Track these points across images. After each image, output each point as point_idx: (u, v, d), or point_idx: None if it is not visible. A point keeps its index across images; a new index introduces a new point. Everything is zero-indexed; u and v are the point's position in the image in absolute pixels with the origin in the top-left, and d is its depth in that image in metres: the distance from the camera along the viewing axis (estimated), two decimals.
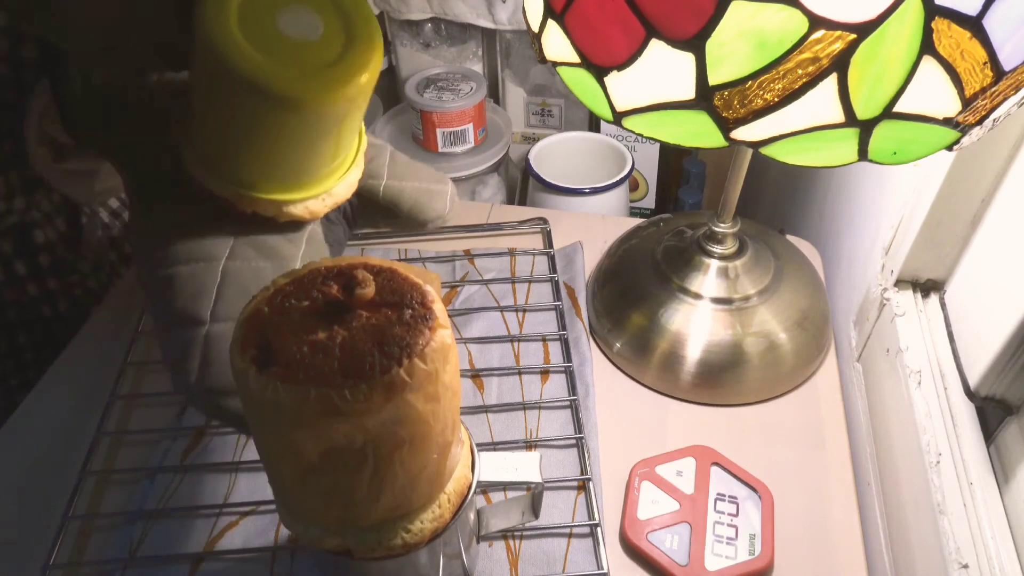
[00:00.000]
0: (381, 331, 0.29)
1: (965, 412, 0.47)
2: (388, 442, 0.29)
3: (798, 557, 0.46)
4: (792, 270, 0.58)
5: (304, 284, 0.30)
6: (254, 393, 0.28)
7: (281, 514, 0.35)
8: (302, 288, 0.30)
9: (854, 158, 0.37)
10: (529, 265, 0.65)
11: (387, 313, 0.29)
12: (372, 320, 0.29)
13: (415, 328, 0.29)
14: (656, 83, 0.36)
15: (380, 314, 0.29)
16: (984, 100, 0.34)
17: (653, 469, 0.49)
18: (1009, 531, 0.41)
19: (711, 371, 0.54)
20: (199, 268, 0.37)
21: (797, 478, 0.50)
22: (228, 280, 0.37)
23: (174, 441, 0.51)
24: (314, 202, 0.39)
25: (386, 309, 0.29)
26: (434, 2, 1.01)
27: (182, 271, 0.37)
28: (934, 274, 0.54)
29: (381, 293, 0.30)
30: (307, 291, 0.30)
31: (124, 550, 0.45)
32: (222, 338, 0.35)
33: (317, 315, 0.29)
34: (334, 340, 0.28)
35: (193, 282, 0.37)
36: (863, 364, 0.59)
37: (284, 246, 0.39)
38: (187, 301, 0.36)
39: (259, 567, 0.45)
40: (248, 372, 0.28)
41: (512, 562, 0.45)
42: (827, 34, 0.32)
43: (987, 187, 0.48)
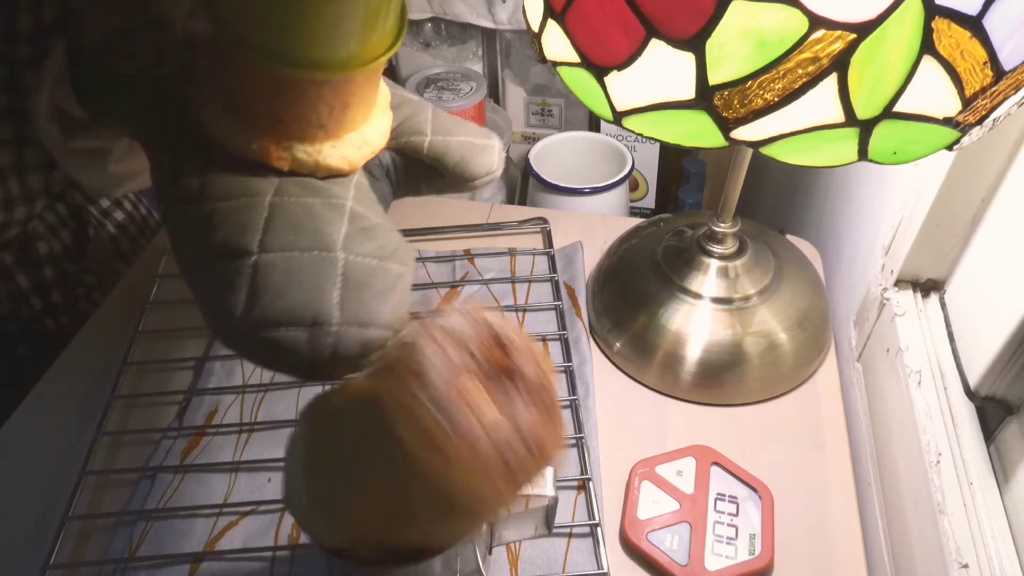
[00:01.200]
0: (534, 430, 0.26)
1: (965, 412, 0.47)
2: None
3: (798, 557, 0.46)
4: (792, 270, 0.58)
5: (473, 336, 0.27)
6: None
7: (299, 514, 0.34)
8: (470, 338, 0.27)
9: (854, 158, 0.37)
10: (529, 265, 0.65)
11: (533, 410, 0.27)
12: (524, 409, 0.27)
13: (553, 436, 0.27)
14: (656, 83, 0.36)
15: (530, 406, 0.27)
16: (984, 100, 0.34)
17: (653, 469, 0.49)
18: (1009, 531, 0.41)
19: (711, 371, 0.54)
20: (242, 203, 0.33)
21: (797, 478, 0.50)
22: (276, 213, 0.33)
23: (174, 441, 0.51)
24: (349, 149, 0.36)
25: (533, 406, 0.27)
26: (434, 2, 1.01)
27: (222, 206, 0.33)
28: (934, 274, 0.54)
29: (523, 375, 0.27)
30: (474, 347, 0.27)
31: (124, 550, 0.45)
32: (273, 267, 0.31)
33: (483, 381, 0.26)
34: (491, 420, 0.26)
35: (236, 215, 0.32)
36: (863, 364, 0.59)
37: (332, 187, 0.35)
38: (229, 234, 0.32)
39: (259, 567, 0.45)
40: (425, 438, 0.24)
41: (512, 562, 0.45)
42: (827, 34, 0.32)
43: (987, 187, 0.48)
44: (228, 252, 0.32)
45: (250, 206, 0.33)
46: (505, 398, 0.26)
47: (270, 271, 0.31)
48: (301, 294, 0.30)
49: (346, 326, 0.30)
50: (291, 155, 0.34)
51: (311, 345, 0.29)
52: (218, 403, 0.54)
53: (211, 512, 0.47)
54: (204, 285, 0.32)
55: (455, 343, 0.26)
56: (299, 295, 0.30)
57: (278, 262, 0.31)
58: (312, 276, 0.30)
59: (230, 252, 0.32)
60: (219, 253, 0.32)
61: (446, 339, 0.26)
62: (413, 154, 0.40)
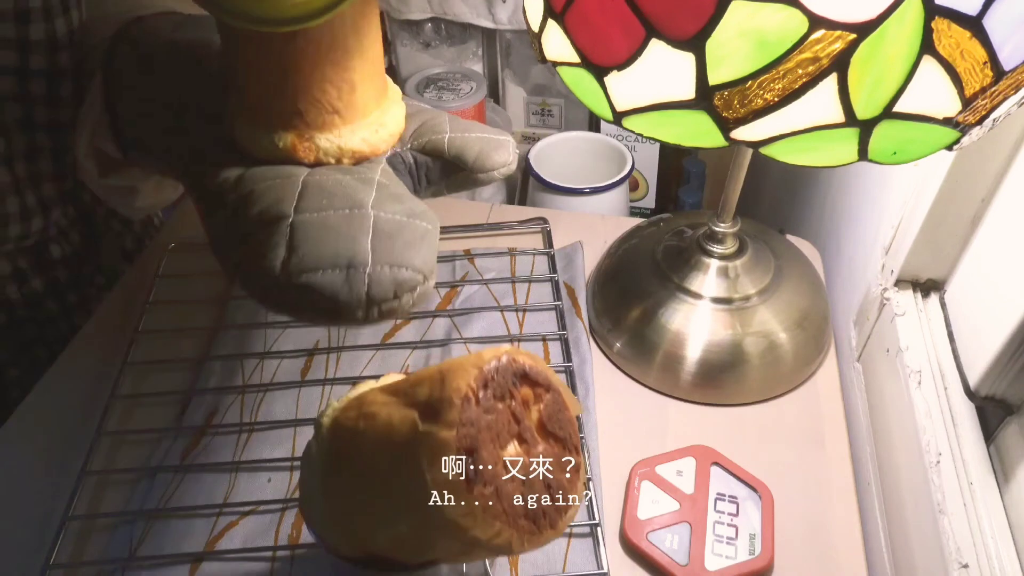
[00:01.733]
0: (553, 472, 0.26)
1: (965, 412, 0.47)
2: None
3: (798, 557, 0.46)
4: (792, 270, 0.58)
5: (504, 375, 0.27)
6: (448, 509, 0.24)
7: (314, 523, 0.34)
8: (503, 380, 0.27)
9: (854, 158, 0.37)
10: (529, 265, 0.65)
11: (554, 449, 0.27)
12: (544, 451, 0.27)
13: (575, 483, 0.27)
14: (656, 83, 0.36)
15: (549, 445, 0.27)
16: (984, 100, 0.34)
17: (653, 469, 0.49)
18: (1009, 531, 0.41)
19: (711, 371, 0.54)
20: (277, 182, 0.36)
21: (797, 478, 0.50)
22: (310, 186, 0.36)
23: (174, 441, 0.51)
24: (367, 132, 0.39)
25: (553, 442, 0.27)
26: (434, 2, 1.01)
27: (259, 187, 0.36)
28: (934, 274, 0.54)
29: (550, 419, 0.28)
30: (505, 387, 0.26)
31: (124, 550, 0.45)
32: (309, 224, 0.33)
33: (508, 422, 0.26)
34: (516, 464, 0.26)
35: (273, 192, 0.35)
36: (863, 364, 0.59)
37: (361, 169, 0.38)
38: (267, 206, 0.35)
39: (259, 567, 0.45)
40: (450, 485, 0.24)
41: (512, 562, 0.45)
42: (827, 34, 0.32)
43: (987, 187, 0.48)
44: (266, 221, 0.34)
45: (285, 185, 0.35)
46: (532, 443, 0.26)
47: (306, 227, 0.33)
48: (336, 243, 0.32)
49: (379, 266, 0.32)
50: (315, 144, 0.37)
51: (348, 286, 0.32)
52: (218, 403, 0.54)
53: (211, 512, 0.47)
54: (244, 255, 0.35)
55: (486, 387, 0.26)
56: (334, 244, 0.32)
57: (313, 220, 0.34)
58: (346, 228, 0.33)
59: (268, 220, 0.34)
60: (255, 224, 0.34)
61: (477, 380, 0.26)
62: (435, 152, 0.42)
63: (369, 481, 0.30)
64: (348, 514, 0.32)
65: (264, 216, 0.34)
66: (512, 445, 0.26)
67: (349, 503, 0.31)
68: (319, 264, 0.32)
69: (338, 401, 0.33)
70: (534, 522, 0.25)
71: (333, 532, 0.32)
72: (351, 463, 0.31)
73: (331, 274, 0.32)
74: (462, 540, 0.26)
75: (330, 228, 0.33)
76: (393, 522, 0.29)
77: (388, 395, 0.30)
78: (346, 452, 0.31)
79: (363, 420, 0.30)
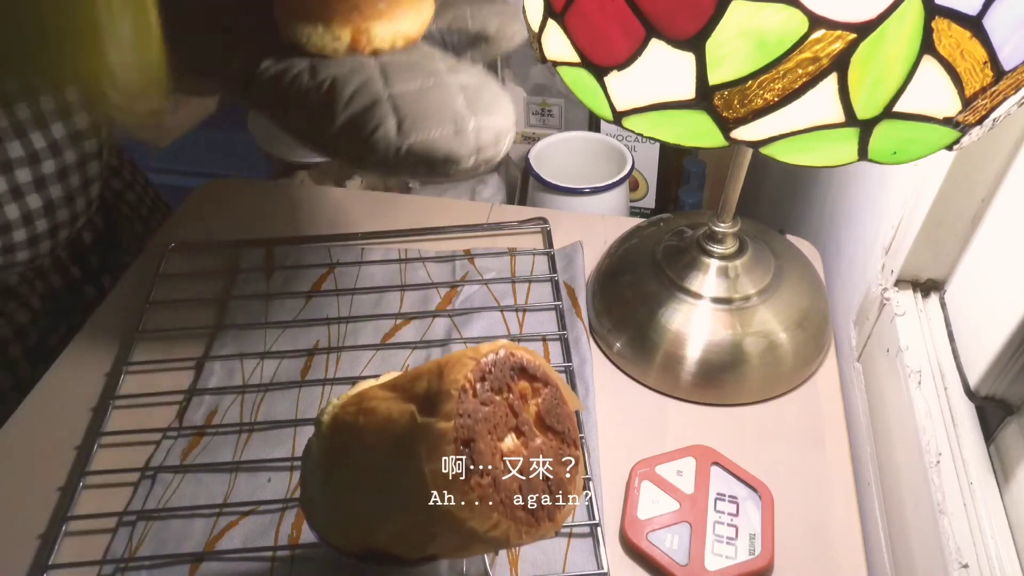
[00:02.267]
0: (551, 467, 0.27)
1: (965, 412, 0.47)
2: None
3: (798, 557, 0.46)
4: (792, 270, 0.58)
5: (502, 368, 0.27)
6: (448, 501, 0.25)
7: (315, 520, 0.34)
8: (500, 374, 0.27)
9: (854, 158, 0.37)
10: (529, 265, 0.65)
11: (552, 443, 0.27)
12: (542, 445, 0.27)
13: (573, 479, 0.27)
14: (656, 83, 0.36)
15: (547, 439, 0.27)
16: (984, 100, 0.34)
17: (653, 469, 0.49)
18: (1009, 531, 0.41)
19: (711, 371, 0.54)
20: (356, 68, 0.40)
21: (797, 478, 0.50)
22: (388, 66, 0.40)
23: (174, 441, 0.51)
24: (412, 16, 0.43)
25: (551, 436, 0.28)
26: None
27: (340, 74, 0.39)
28: (934, 274, 0.54)
29: (548, 413, 0.28)
30: (502, 380, 0.27)
31: (124, 550, 0.45)
32: (407, 96, 0.38)
33: (505, 415, 0.27)
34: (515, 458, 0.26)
35: (357, 75, 0.39)
36: (863, 364, 0.59)
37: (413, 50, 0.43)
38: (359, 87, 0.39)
39: (259, 567, 0.45)
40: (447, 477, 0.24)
41: (512, 562, 0.45)
42: (827, 34, 0.32)
43: (987, 187, 0.48)
44: (364, 100, 0.38)
45: (363, 69, 0.40)
46: (530, 436, 0.26)
47: (406, 98, 0.38)
48: (437, 107, 0.38)
49: (480, 117, 0.38)
50: (371, 34, 0.41)
51: (459, 139, 0.37)
52: (218, 403, 0.54)
53: (211, 512, 0.47)
54: (348, 132, 0.39)
55: (483, 380, 0.26)
56: (436, 108, 0.38)
57: (409, 93, 0.39)
58: (439, 95, 0.39)
59: (366, 100, 0.38)
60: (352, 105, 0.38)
61: (475, 372, 0.26)
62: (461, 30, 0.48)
63: (369, 475, 0.30)
64: (348, 508, 0.32)
65: (361, 96, 0.38)
66: (510, 438, 0.26)
67: (349, 497, 0.31)
68: (430, 125, 0.37)
69: (338, 399, 0.33)
70: (532, 514, 0.25)
71: (333, 527, 0.32)
72: (351, 457, 0.31)
73: (441, 130, 0.37)
74: (460, 532, 0.26)
75: (425, 94, 0.38)
76: (392, 515, 0.29)
77: (387, 390, 0.30)
78: (346, 447, 0.31)
79: (363, 415, 0.30)
